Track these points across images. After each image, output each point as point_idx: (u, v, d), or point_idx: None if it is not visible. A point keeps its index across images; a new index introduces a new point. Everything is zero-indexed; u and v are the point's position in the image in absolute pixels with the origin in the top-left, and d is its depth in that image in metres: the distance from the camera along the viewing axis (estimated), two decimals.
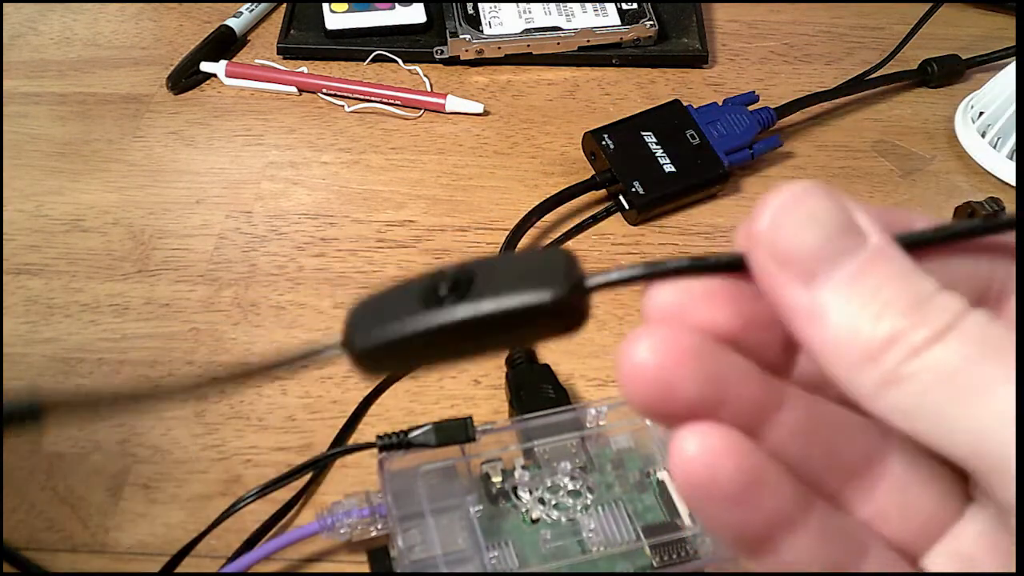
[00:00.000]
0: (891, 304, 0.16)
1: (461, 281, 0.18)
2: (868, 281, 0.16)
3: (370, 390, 0.39)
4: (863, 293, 0.16)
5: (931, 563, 0.18)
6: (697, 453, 0.17)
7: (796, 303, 0.16)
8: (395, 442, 0.33)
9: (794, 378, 0.19)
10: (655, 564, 0.32)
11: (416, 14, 0.56)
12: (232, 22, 0.57)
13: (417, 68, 0.55)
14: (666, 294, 0.17)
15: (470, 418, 0.33)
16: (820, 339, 0.16)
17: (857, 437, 0.18)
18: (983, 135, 0.50)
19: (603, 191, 0.48)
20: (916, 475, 0.18)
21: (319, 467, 0.37)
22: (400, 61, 0.55)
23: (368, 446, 0.34)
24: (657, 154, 0.47)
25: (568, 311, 0.17)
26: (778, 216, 0.16)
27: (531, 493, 0.34)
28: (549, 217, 0.46)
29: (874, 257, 0.16)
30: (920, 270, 0.16)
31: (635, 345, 0.17)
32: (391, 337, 0.18)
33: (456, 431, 0.33)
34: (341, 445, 0.38)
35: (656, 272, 0.18)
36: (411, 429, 0.33)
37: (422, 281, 0.18)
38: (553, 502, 0.33)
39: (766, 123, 0.49)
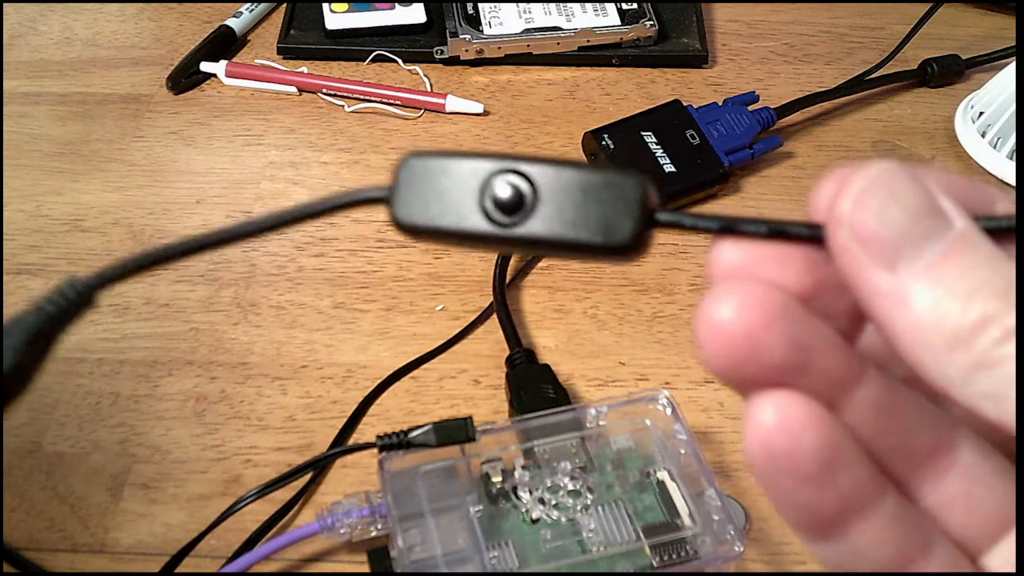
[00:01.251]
0: (981, 288, 0.15)
1: (524, 193, 0.17)
2: (955, 265, 0.15)
3: (370, 390, 0.39)
4: (950, 277, 0.15)
5: (991, 562, 0.17)
6: (777, 422, 0.16)
7: (878, 286, 0.16)
8: (395, 442, 0.33)
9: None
10: (655, 564, 0.32)
11: (416, 14, 0.56)
12: (232, 22, 0.57)
13: (417, 68, 0.55)
14: (735, 251, 0.17)
15: (470, 418, 0.33)
16: (903, 323, 0.15)
17: (929, 422, 0.18)
18: (983, 135, 0.50)
19: None
20: (983, 468, 0.18)
21: (319, 467, 0.37)
22: (400, 61, 0.55)
23: (368, 446, 0.34)
24: (657, 154, 0.47)
25: (634, 250, 0.17)
26: (861, 197, 0.16)
27: (531, 493, 0.34)
28: None
29: (959, 242, 0.16)
30: (1005, 256, 0.16)
31: (720, 302, 0.16)
32: (438, 227, 0.17)
33: (456, 431, 0.33)
34: (341, 445, 0.37)
35: (729, 229, 0.17)
36: (411, 429, 0.33)
37: (483, 171, 0.17)
38: (553, 502, 0.33)
39: (766, 123, 0.49)
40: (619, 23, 0.55)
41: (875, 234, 0.16)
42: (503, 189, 0.17)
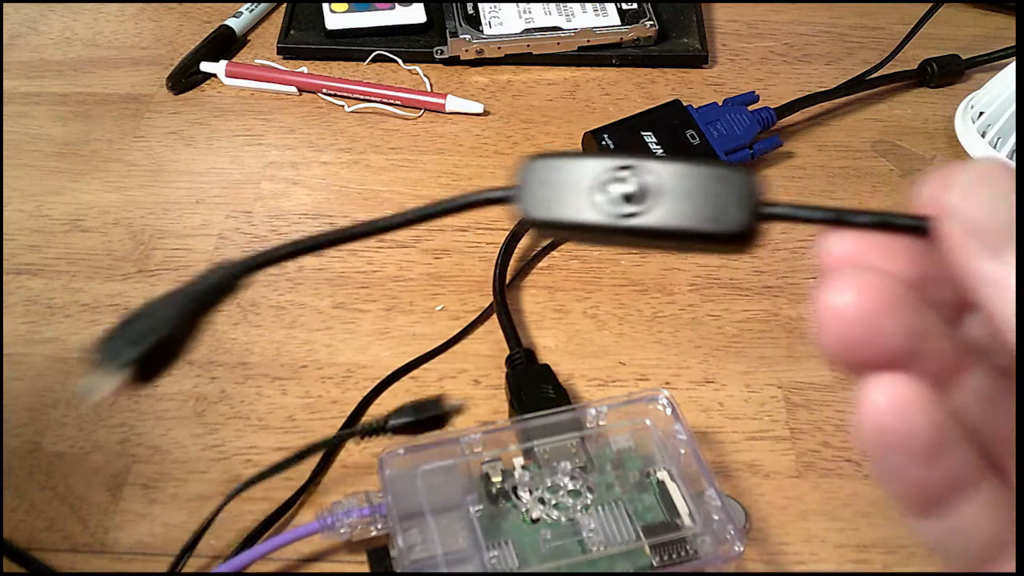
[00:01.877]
0: None
1: (642, 187, 0.18)
2: None
3: (370, 390, 0.39)
4: None
5: None
6: (891, 403, 0.17)
7: (985, 274, 0.16)
8: (374, 427, 0.33)
9: None
10: (655, 564, 0.32)
11: (416, 14, 0.56)
12: (232, 22, 0.57)
13: (417, 68, 0.55)
14: (845, 242, 0.18)
15: (442, 395, 0.33)
16: (1009, 309, 0.16)
17: None
18: (983, 135, 0.50)
19: None
20: None
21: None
22: (400, 61, 0.55)
23: (348, 435, 0.34)
24: (657, 154, 0.47)
25: (746, 240, 0.18)
26: (971, 190, 0.17)
27: (531, 493, 0.34)
28: None
29: None
30: None
31: (840, 288, 0.17)
32: (562, 221, 0.18)
33: (431, 406, 0.33)
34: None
35: (839, 220, 0.18)
36: (389, 415, 0.33)
37: (602, 168, 0.18)
38: (553, 502, 0.33)
39: (766, 123, 0.49)
40: (619, 23, 0.55)
41: (983, 224, 0.16)
42: (621, 184, 0.18)
